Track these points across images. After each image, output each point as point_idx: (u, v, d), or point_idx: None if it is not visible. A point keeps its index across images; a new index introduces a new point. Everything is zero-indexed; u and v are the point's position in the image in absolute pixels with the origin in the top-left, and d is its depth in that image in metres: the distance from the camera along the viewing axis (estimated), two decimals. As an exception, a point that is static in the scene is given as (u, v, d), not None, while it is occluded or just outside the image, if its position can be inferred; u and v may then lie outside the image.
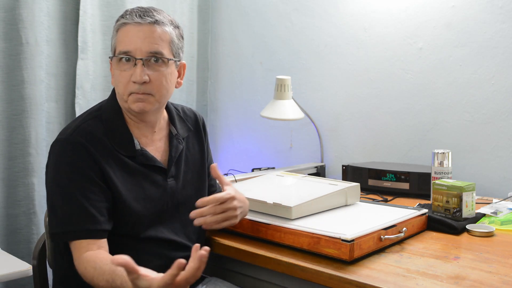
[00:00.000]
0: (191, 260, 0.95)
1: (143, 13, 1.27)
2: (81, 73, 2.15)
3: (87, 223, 1.19)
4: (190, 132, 1.44)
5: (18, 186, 1.98)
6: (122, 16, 1.29)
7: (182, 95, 2.63)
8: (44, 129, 2.07)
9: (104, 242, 1.22)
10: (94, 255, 1.17)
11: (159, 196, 1.32)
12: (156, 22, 1.27)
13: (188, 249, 1.34)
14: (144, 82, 1.25)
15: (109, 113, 1.32)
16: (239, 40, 2.74)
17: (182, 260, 0.92)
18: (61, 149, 1.24)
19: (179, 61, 1.35)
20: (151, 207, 1.29)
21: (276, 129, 2.62)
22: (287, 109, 2.21)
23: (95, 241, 1.20)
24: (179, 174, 1.37)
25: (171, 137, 1.39)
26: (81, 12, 2.13)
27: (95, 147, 1.24)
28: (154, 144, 1.35)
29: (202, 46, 2.78)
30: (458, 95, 2.06)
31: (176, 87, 1.37)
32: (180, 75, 1.38)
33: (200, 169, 1.44)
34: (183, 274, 0.94)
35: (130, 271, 0.92)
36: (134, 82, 1.25)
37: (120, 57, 1.26)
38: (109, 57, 1.32)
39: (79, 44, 2.14)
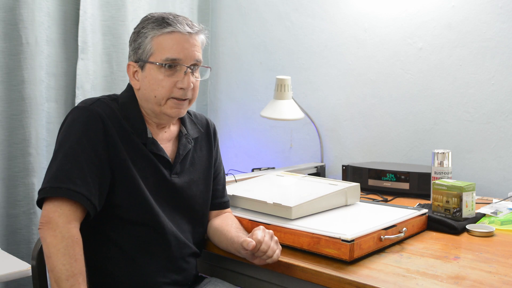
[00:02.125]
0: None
1: (188, 21, 1.31)
2: (81, 73, 2.15)
3: (80, 185, 1.17)
4: (200, 134, 1.46)
5: (18, 186, 1.98)
6: (165, 23, 1.28)
7: (182, 95, 2.63)
8: (44, 129, 2.07)
9: (77, 228, 1.17)
10: (78, 239, 1.15)
11: (161, 187, 1.33)
12: (199, 31, 1.33)
13: (186, 245, 1.34)
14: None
15: (126, 101, 1.34)
16: (239, 40, 2.74)
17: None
18: (79, 114, 1.26)
19: None
20: (154, 193, 1.30)
21: (276, 129, 2.61)
22: (287, 109, 2.21)
23: (78, 209, 1.17)
24: (183, 172, 1.38)
25: (180, 136, 1.41)
26: (81, 12, 2.13)
27: (112, 121, 1.26)
28: (164, 143, 1.37)
29: (202, 46, 2.78)
30: (458, 95, 2.06)
31: None
32: None
33: (206, 172, 1.45)
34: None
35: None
36: (181, 88, 1.29)
37: (165, 64, 1.28)
38: (149, 62, 1.28)
39: (79, 44, 2.14)
